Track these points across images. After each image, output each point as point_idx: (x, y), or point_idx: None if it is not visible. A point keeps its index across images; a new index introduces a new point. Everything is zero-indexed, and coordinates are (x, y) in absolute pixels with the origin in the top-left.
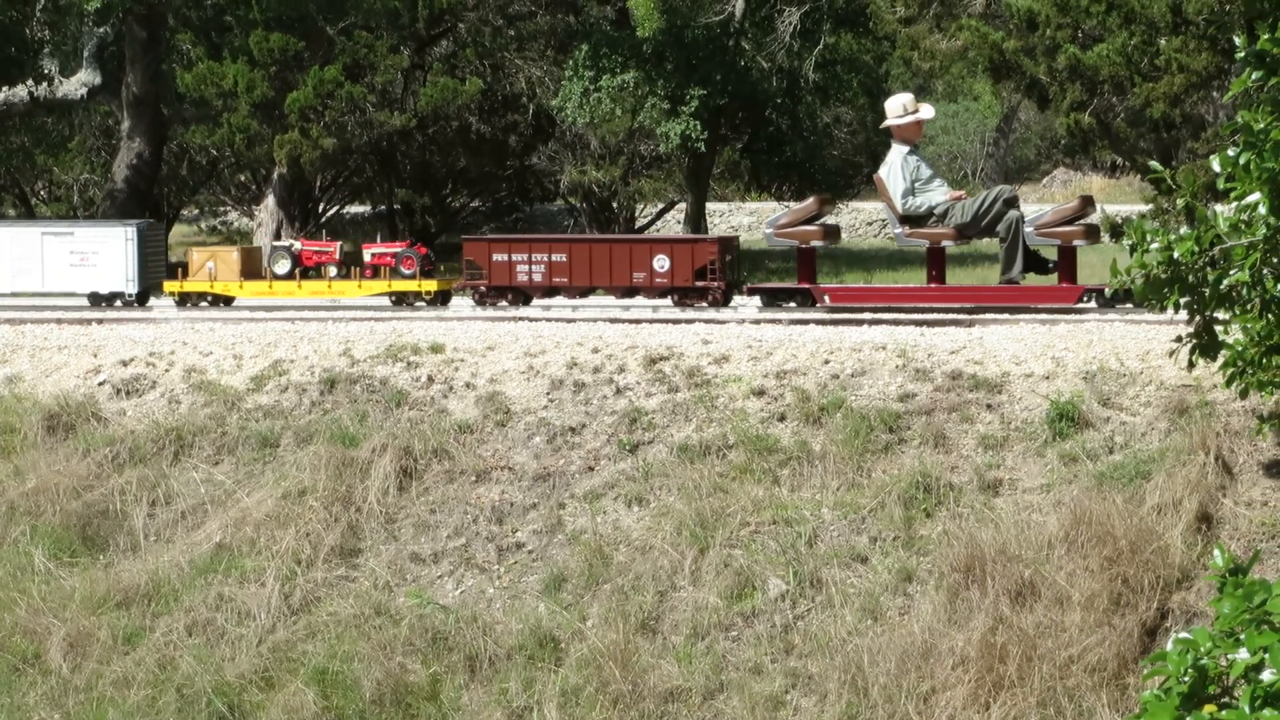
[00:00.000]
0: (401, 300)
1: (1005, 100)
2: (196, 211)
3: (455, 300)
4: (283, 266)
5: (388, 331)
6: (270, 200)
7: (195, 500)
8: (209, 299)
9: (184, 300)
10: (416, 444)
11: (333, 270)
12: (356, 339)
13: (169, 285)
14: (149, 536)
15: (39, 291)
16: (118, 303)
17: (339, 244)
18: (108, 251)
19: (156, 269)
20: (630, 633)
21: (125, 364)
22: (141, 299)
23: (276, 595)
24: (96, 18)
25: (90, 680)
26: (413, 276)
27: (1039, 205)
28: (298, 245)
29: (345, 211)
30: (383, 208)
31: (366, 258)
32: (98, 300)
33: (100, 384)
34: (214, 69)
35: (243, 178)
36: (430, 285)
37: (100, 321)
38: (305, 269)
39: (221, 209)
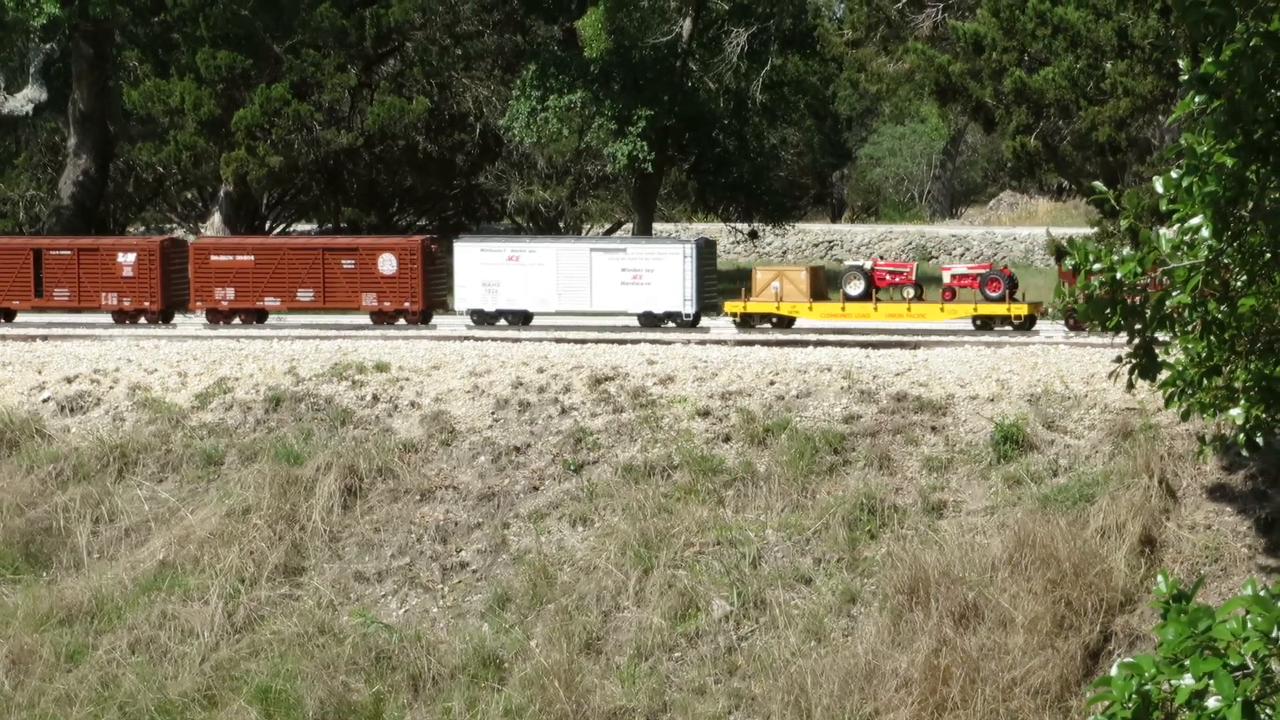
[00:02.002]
0: (988, 324)
1: (952, 123)
2: (143, 229)
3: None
4: (856, 287)
5: (333, 350)
6: (216, 218)
7: (139, 518)
8: (773, 320)
9: (745, 322)
10: (361, 463)
11: (909, 291)
12: (302, 357)
13: (730, 306)
14: (92, 554)
15: (586, 310)
16: (670, 324)
17: (914, 263)
18: (663, 270)
19: (710, 288)
20: (574, 653)
21: (70, 381)
22: (695, 320)
23: (220, 613)
24: (43, 34)
25: (32, 698)
26: (1000, 299)
27: (985, 228)
28: (868, 264)
29: (291, 230)
30: (329, 226)
31: (945, 279)
32: (652, 321)
33: (45, 400)
34: (161, 86)
35: (189, 195)
36: (1020, 309)
37: (45, 338)
38: (878, 290)
39: (167, 226)
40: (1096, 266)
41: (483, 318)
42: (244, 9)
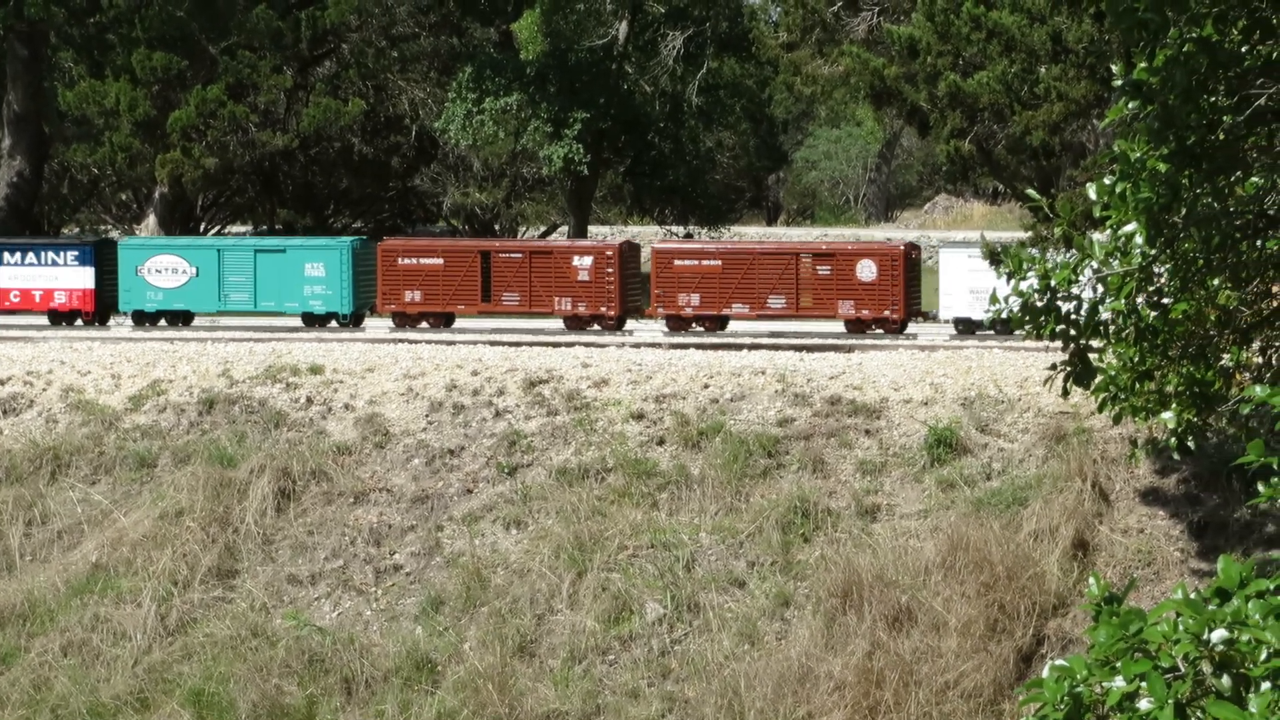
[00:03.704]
0: None
1: (887, 126)
2: (78, 230)
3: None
4: None
5: (267, 352)
6: (151, 219)
7: (72, 520)
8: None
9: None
10: (295, 465)
11: None
12: (235, 360)
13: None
14: (25, 556)
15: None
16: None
17: None
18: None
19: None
20: (507, 655)
21: (2, 383)
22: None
23: (153, 616)
24: None
25: None
26: None
27: (921, 231)
28: None
29: (227, 232)
30: (264, 228)
31: None
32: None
33: None
34: (96, 87)
35: (124, 196)
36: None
37: None
38: None
39: (102, 227)
40: (1030, 274)
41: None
42: (179, 10)
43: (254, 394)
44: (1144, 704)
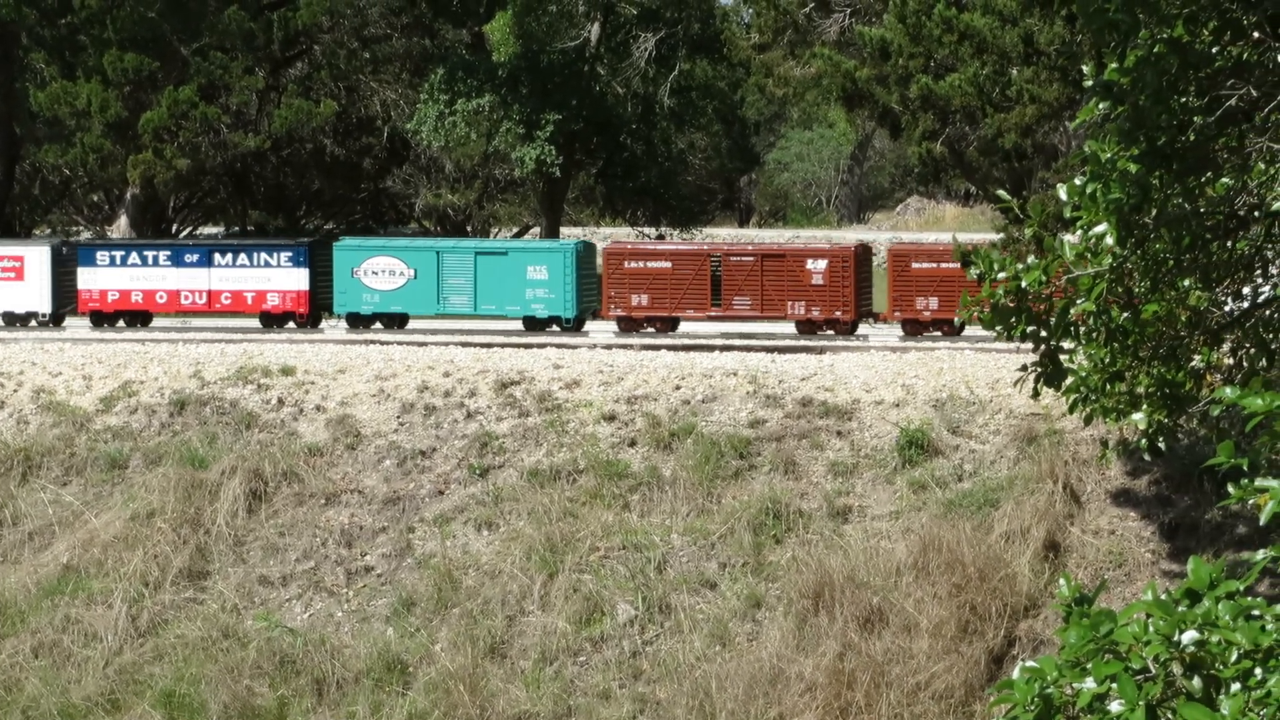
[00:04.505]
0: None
1: (859, 128)
2: (49, 231)
3: None
4: None
5: (238, 354)
6: (123, 220)
7: (43, 521)
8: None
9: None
10: (266, 466)
11: None
12: (207, 361)
13: None
14: None
15: None
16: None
17: None
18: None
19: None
20: (479, 657)
21: None
22: None
23: (124, 617)
24: None
25: None
26: None
27: (892, 233)
28: None
29: (199, 233)
30: (236, 229)
31: None
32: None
33: None
34: (67, 88)
35: (96, 197)
36: None
37: None
38: None
39: (74, 229)
40: (1001, 275)
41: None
42: (151, 11)
43: (225, 395)
44: (1115, 706)
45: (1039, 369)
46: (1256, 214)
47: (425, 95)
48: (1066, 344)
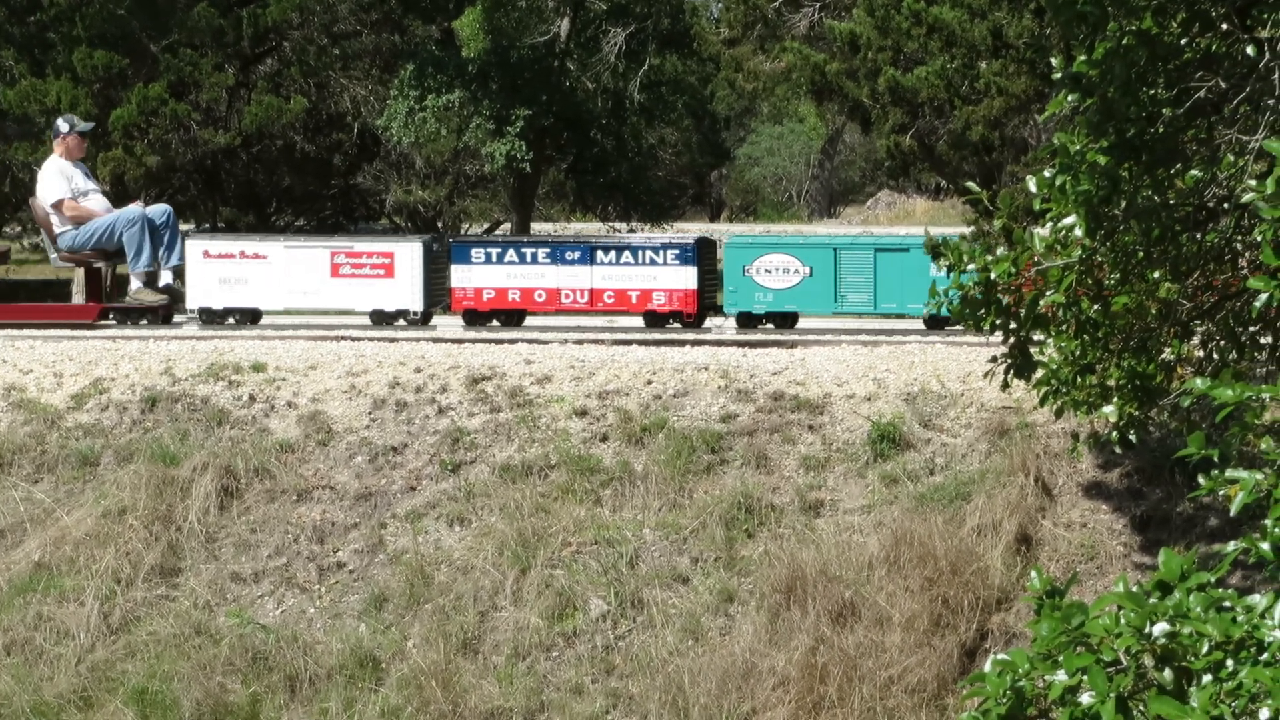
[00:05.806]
0: None
1: (829, 122)
2: (19, 229)
3: None
4: None
5: (209, 350)
6: None
7: (14, 519)
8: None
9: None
10: (238, 463)
11: None
12: (178, 357)
13: None
14: None
15: None
16: None
17: None
18: None
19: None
20: (451, 653)
21: None
22: None
23: (96, 614)
24: None
25: None
26: None
27: (864, 227)
28: None
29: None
30: (207, 225)
31: None
32: None
33: None
34: (37, 86)
35: None
36: None
37: None
38: None
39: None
40: (970, 267)
41: None
42: (120, 8)
43: (196, 392)
44: (1085, 698)
45: (1009, 360)
46: (1226, 206)
47: (395, 91)
48: (1037, 335)
